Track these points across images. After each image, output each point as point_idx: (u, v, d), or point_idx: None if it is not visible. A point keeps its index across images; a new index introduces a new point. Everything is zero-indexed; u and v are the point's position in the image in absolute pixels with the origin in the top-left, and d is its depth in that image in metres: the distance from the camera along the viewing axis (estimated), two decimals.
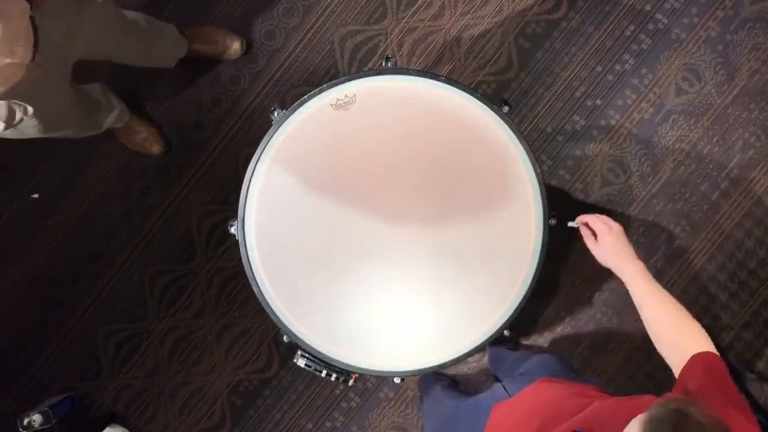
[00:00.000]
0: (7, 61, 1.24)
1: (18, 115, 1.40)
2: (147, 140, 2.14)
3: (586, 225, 1.39)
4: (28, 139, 1.57)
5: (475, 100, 1.47)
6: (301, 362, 1.52)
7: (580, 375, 1.47)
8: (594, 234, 1.36)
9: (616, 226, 1.32)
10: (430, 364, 1.51)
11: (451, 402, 1.72)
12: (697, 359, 1.08)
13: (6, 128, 1.41)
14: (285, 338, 1.51)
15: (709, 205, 2.22)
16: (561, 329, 2.24)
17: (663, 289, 1.23)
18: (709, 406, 0.91)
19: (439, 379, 2.15)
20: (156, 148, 2.16)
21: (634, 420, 0.90)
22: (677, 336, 1.16)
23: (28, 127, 1.47)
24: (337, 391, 2.25)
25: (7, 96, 1.31)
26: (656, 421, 0.86)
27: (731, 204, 2.22)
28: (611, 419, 1.02)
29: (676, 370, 1.11)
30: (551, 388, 1.30)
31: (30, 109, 1.40)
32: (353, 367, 1.50)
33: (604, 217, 1.35)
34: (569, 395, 1.23)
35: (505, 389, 1.42)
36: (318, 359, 1.51)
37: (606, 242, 1.32)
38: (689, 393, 1.04)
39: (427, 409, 1.93)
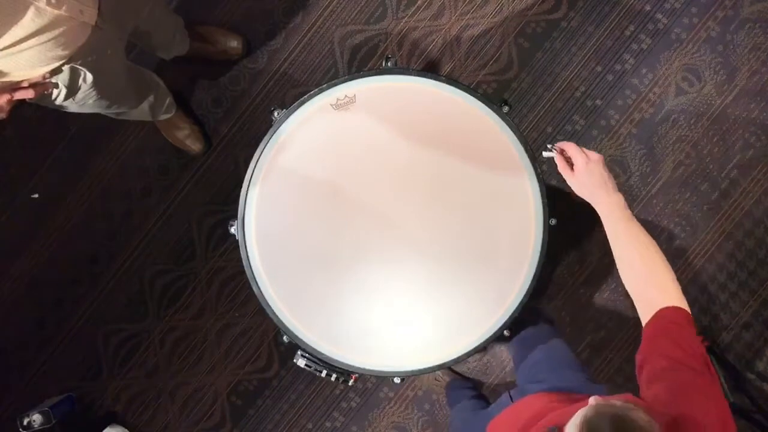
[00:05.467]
0: (77, 20, 1.26)
1: (78, 82, 1.40)
2: (189, 137, 2.15)
3: (562, 153, 1.27)
4: (87, 113, 1.58)
5: (475, 100, 1.48)
6: (301, 362, 1.52)
7: (587, 377, 1.47)
8: (571, 163, 1.25)
9: (595, 156, 1.21)
10: (430, 364, 1.51)
11: (470, 414, 1.75)
12: (664, 314, 1.06)
13: (68, 95, 1.42)
14: (285, 338, 1.52)
15: (709, 205, 2.22)
16: (561, 329, 2.24)
17: (640, 227, 1.16)
18: (669, 383, 0.90)
19: (466, 386, 2.16)
20: (197, 146, 2.16)
21: (576, 413, 0.91)
22: (646, 283, 1.11)
23: (88, 97, 1.48)
24: (337, 391, 2.25)
25: (71, 59, 1.32)
26: (594, 427, 0.87)
27: (731, 204, 2.22)
28: None
29: (643, 320, 1.09)
30: (543, 399, 1.30)
31: (90, 77, 1.41)
32: (353, 367, 1.50)
33: (582, 148, 1.25)
34: (558, 401, 1.23)
35: (510, 398, 1.42)
36: (318, 359, 1.51)
37: (582, 173, 1.21)
38: (652, 354, 1.03)
39: (452, 419, 1.94)
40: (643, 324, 1.09)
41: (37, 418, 2.01)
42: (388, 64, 1.52)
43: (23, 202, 2.23)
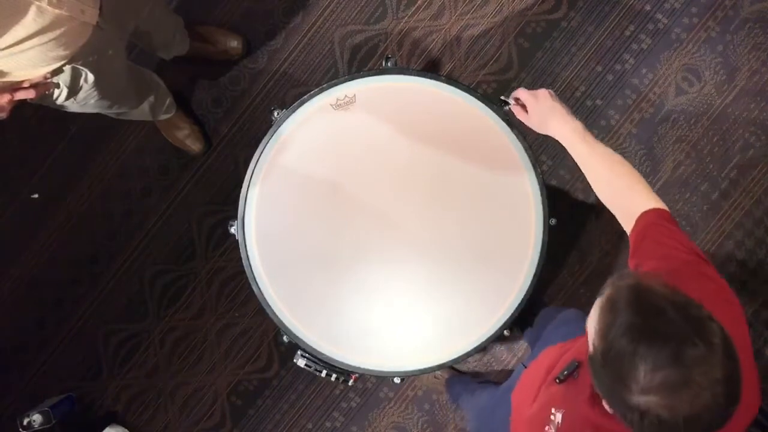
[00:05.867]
0: (78, 19, 1.26)
1: (80, 82, 1.40)
2: (189, 137, 2.14)
3: (517, 101, 1.36)
4: (88, 113, 1.59)
5: (475, 100, 1.48)
6: (301, 362, 1.52)
7: None
8: (525, 107, 1.33)
9: (542, 92, 1.29)
10: (430, 364, 1.51)
11: (486, 394, 1.74)
12: (645, 218, 1.08)
13: (69, 96, 1.42)
14: (285, 338, 1.52)
15: (709, 205, 2.22)
16: None
17: (602, 145, 1.21)
18: (665, 273, 0.91)
19: (467, 379, 2.16)
20: (197, 146, 2.16)
21: (594, 304, 0.91)
22: (621, 194, 1.15)
23: (89, 97, 1.48)
24: (337, 391, 2.24)
25: (72, 59, 1.32)
26: (614, 302, 0.87)
27: (731, 204, 2.22)
28: None
29: (627, 230, 1.11)
30: (556, 348, 1.30)
31: (91, 77, 1.41)
32: (353, 367, 1.51)
33: (530, 90, 1.32)
34: (572, 342, 1.24)
35: (524, 366, 1.42)
36: (318, 359, 1.51)
37: (534, 111, 1.29)
38: (642, 258, 1.04)
39: (466, 407, 1.93)
40: (628, 234, 1.11)
41: (37, 418, 2.01)
42: (388, 64, 1.52)
43: (23, 202, 2.23)
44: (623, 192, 1.15)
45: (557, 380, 1.10)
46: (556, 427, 1.07)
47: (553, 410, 1.09)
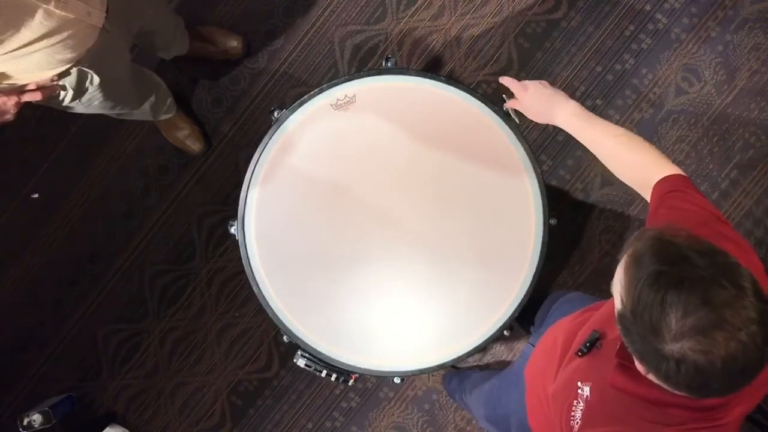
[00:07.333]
0: (85, 22, 1.26)
1: (86, 84, 1.41)
2: (189, 137, 2.15)
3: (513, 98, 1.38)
4: (89, 114, 1.60)
5: (475, 100, 1.48)
6: (301, 362, 1.52)
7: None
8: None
9: (532, 84, 1.31)
10: (430, 364, 1.51)
11: (491, 382, 1.71)
12: (660, 186, 1.08)
13: (75, 97, 1.42)
14: (285, 338, 1.52)
15: None
16: None
17: (604, 121, 1.21)
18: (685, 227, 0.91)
19: (469, 371, 2.14)
20: (197, 146, 2.16)
21: (618, 265, 0.90)
22: (633, 167, 1.15)
23: (94, 99, 1.49)
24: (337, 391, 2.25)
25: (78, 62, 1.33)
26: (637, 256, 0.85)
27: (731, 204, 2.22)
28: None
29: (646, 198, 1.11)
30: (565, 321, 1.29)
31: (96, 79, 1.41)
32: (353, 367, 1.51)
33: (523, 81, 1.34)
34: (585, 313, 1.23)
35: (532, 345, 1.41)
36: (318, 359, 1.51)
37: (526, 102, 1.30)
38: (662, 220, 1.04)
39: (470, 402, 1.91)
40: (647, 197, 1.12)
41: (37, 418, 2.01)
42: (388, 64, 1.53)
43: (23, 202, 2.23)
44: (636, 164, 1.14)
45: (579, 354, 1.08)
46: (585, 400, 1.05)
47: (579, 384, 1.07)
